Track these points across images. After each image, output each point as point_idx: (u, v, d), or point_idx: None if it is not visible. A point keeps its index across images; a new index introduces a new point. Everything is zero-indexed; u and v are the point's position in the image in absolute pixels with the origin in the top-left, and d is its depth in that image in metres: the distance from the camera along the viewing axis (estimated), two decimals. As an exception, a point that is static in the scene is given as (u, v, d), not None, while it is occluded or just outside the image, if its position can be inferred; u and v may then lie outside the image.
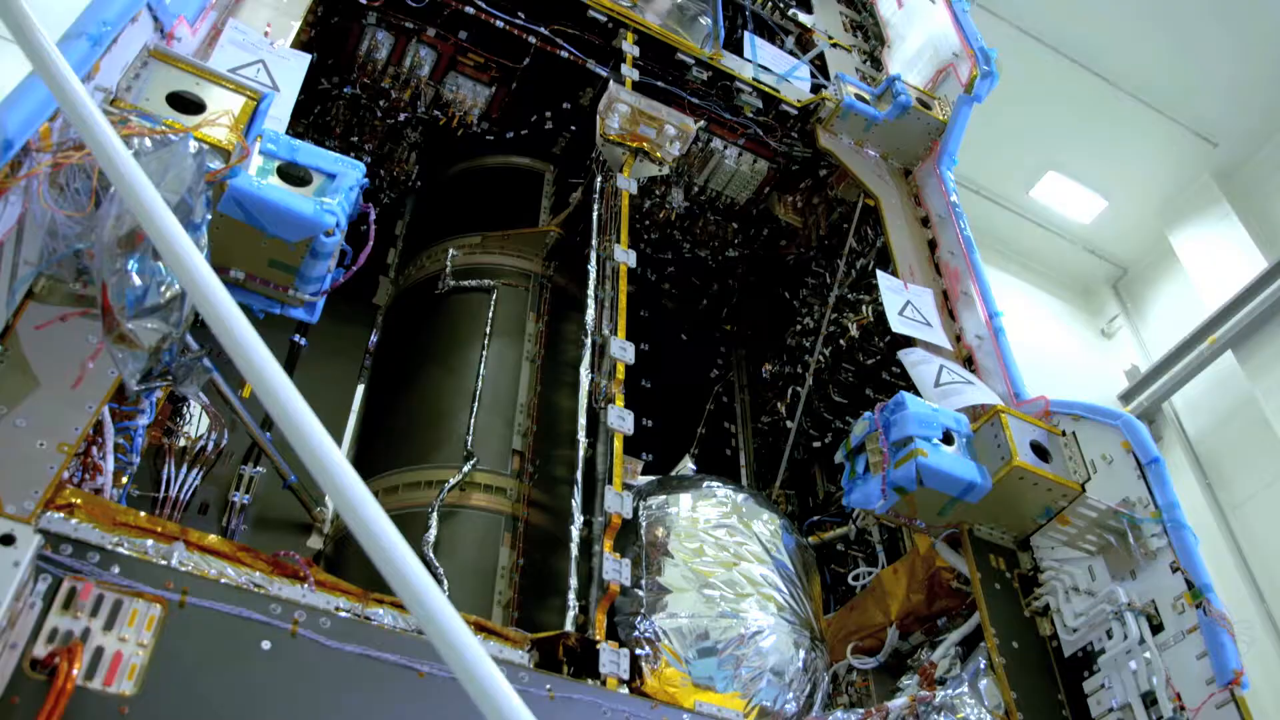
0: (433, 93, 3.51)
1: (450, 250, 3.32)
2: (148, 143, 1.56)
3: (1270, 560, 9.79)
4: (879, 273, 3.08)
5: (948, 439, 2.50)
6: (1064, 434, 2.60)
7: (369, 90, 3.47)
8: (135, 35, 1.89)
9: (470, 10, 3.27)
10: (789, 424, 3.37)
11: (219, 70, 2.05)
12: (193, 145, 1.58)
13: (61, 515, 1.65)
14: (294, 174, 2.09)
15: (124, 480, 2.10)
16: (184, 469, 2.74)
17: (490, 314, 3.11)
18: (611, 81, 2.92)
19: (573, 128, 3.67)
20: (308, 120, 3.53)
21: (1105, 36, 10.67)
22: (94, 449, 1.82)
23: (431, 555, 2.50)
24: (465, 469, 2.67)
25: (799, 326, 3.64)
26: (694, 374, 3.94)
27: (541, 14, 3.36)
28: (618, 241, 2.64)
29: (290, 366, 3.25)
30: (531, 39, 3.35)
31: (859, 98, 3.57)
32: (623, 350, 2.36)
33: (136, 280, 1.40)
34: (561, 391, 2.93)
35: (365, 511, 1.19)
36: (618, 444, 2.19)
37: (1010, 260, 12.55)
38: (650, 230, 3.80)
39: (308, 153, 2.12)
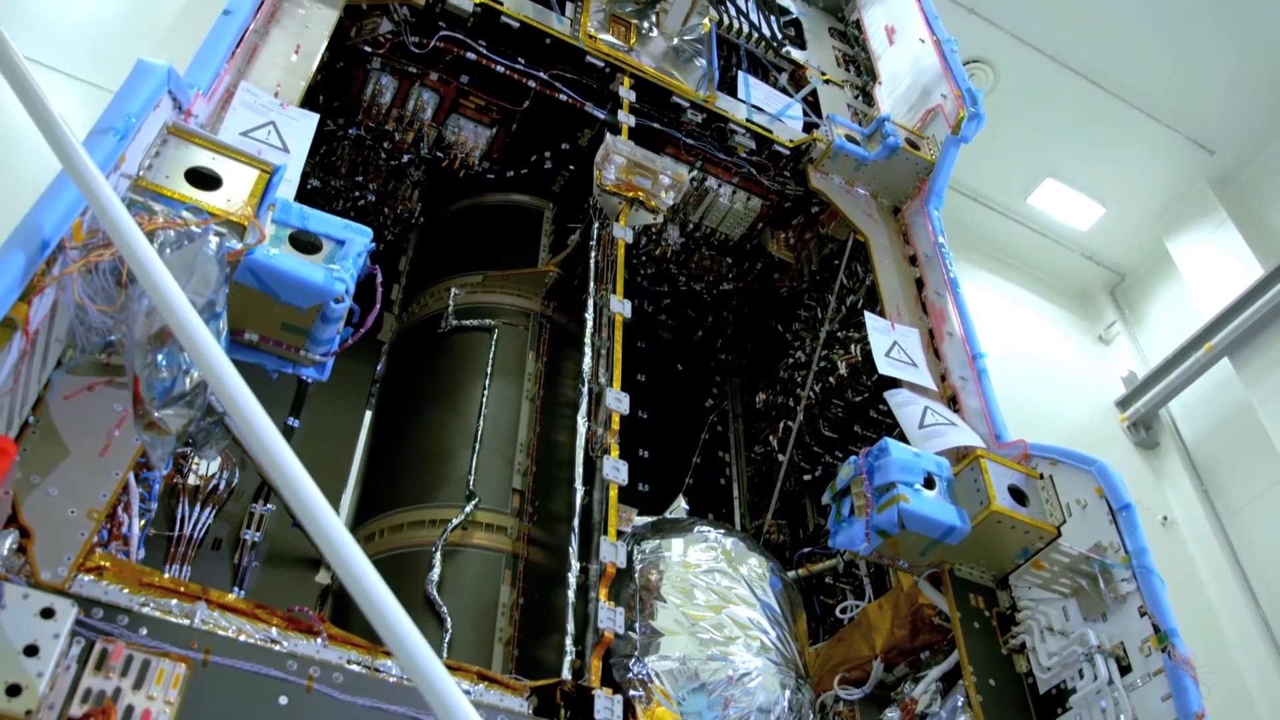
0: (435, 134, 3.62)
1: (453, 289, 3.43)
2: (172, 234, 1.66)
3: (1266, 566, 9.90)
4: (867, 315, 3.19)
5: (929, 483, 2.61)
6: (1041, 477, 2.72)
7: (373, 132, 3.57)
8: (157, 118, 2.00)
9: (471, 56, 3.37)
10: (780, 457, 3.48)
11: (233, 144, 2.15)
12: (214, 241, 1.69)
13: (91, 578, 1.77)
14: (305, 240, 2.19)
15: (142, 524, 2.21)
16: (197, 507, 2.87)
17: (491, 353, 3.22)
18: (608, 134, 3.03)
19: (571, 167, 3.78)
20: (314, 160, 3.64)
21: (1103, 46, 10.76)
22: (119, 509, 1.93)
23: (435, 594, 2.61)
24: (467, 509, 2.79)
25: (791, 360, 3.76)
26: (690, 403, 4.05)
27: (541, 59, 3.47)
28: (614, 291, 2.75)
29: (299, 401, 3.37)
30: (531, 83, 3.46)
31: (849, 138, 3.67)
32: (618, 401, 2.47)
33: (165, 373, 1.51)
34: (560, 430, 3.04)
35: (366, 583, 1.29)
36: (613, 494, 2.31)
37: (1008, 266, 12.64)
38: (647, 265, 3.91)
39: (318, 220, 2.23)
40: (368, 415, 3.43)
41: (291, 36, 2.83)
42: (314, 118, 2.64)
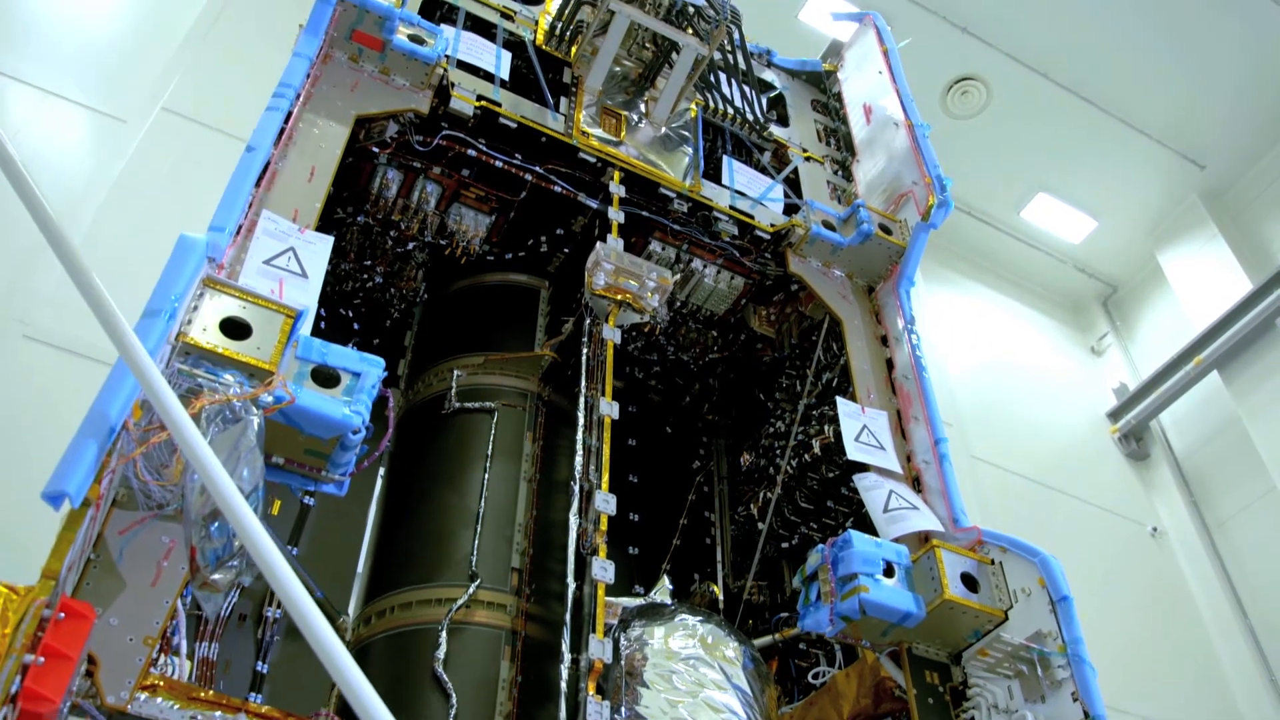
0: (438, 221, 3.87)
1: (455, 371, 3.70)
2: (217, 407, 1.93)
3: (1252, 577, 10.20)
4: (839, 400, 3.46)
5: (889, 571, 2.89)
6: (993, 563, 2.99)
7: (380, 221, 3.83)
8: (196, 278, 2.26)
9: (472, 153, 3.63)
10: (761, 525, 3.75)
11: (261, 293, 2.42)
12: (255, 423, 1.96)
13: (147, 695, 2.04)
14: (325, 374, 2.46)
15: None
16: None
17: (491, 435, 3.49)
18: (598, 243, 3.29)
19: (566, 250, 4.03)
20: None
21: (1094, 63, 10.99)
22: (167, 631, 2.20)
23: (441, 671, 2.89)
24: (471, 589, 3.07)
25: (771, 429, 4.02)
26: (678, 465, 4.32)
27: (536, 155, 3.73)
28: (603, 393, 3.02)
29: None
30: (528, 176, 3.72)
31: (826, 224, 3.93)
32: (605, 503, 2.74)
33: (216, 543, 1.78)
34: (555, 509, 3.30)
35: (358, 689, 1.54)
36: (600, 594, 2.58)
37: (1002, 279, 12.90)
38: (637, 338, 4.17)
39: (335, 354, 2.49)
40: (378, 486, 3.70)
41: (307, 158, 3.08)
42: (329, 240, 2.89)
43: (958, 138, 11.34)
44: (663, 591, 3.24)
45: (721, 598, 3.77)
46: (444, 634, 2.95)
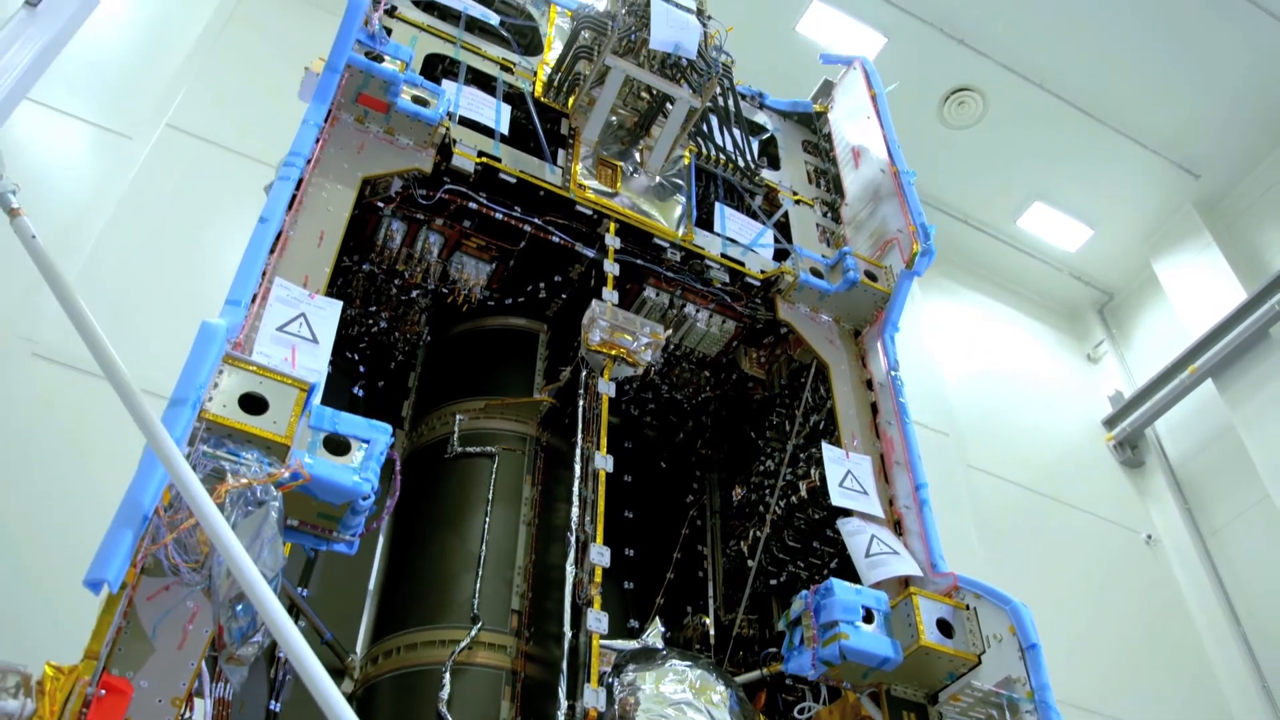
0: (441, 269, 4.03)
1: (457, 415, 3.86)
2: (239, 491, 2.10)
3: (1246, 584, 10.36)
4: (824, 445, 3.62)
5: (868, 617, 3.06)
6: (967, 608, 3.15)
7: (385, 270, 3.99)
8: (219, 362, 2.42)
9: (473, 205, 3.79)
10: (750, 563, 3.91)
11: (276, 367, 2.58)
12: (275, 508, 2.13)
13: (174, 752, 2.21)
14: (336, 441, 2.63)
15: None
16: (239, 627, 3.31)
17: (492, 479, 3.66)
18: (594, 301, 3.45)
19: (563, 295, 4.19)
20: (332, 292, 4.05)
21: (1090, 74, 11.12)
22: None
23: (445, 711, 3.07)
24: (473, 632, 3.24)
25: (761, 467, 4.18)
26: (672, 498, 4.48)
27: (535, 207, 3.89)
28: (598, 447, 3.18)
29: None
30: (527, 227, 3.88)
31: (814, 271, 4.08)
32: (600, 555, 2.91)
33: (242, 621, 1.95)
34: (552, 552, 3.47)
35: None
36: (595, 644, 2.75)
37: (998, 286, 13.04)
38: (632, 379, 4.33)
39: (346, 422, 2.66)
40: (384, 527, 3.86)
41: (316, 222, 3.24)
42: (338, 305, 3.05)
43: (955, 148, 11.48)
44: (655, 635, 3.41)
45: (713, 631, 3.94)
46: (447, 675, 3.12)
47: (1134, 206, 12.22)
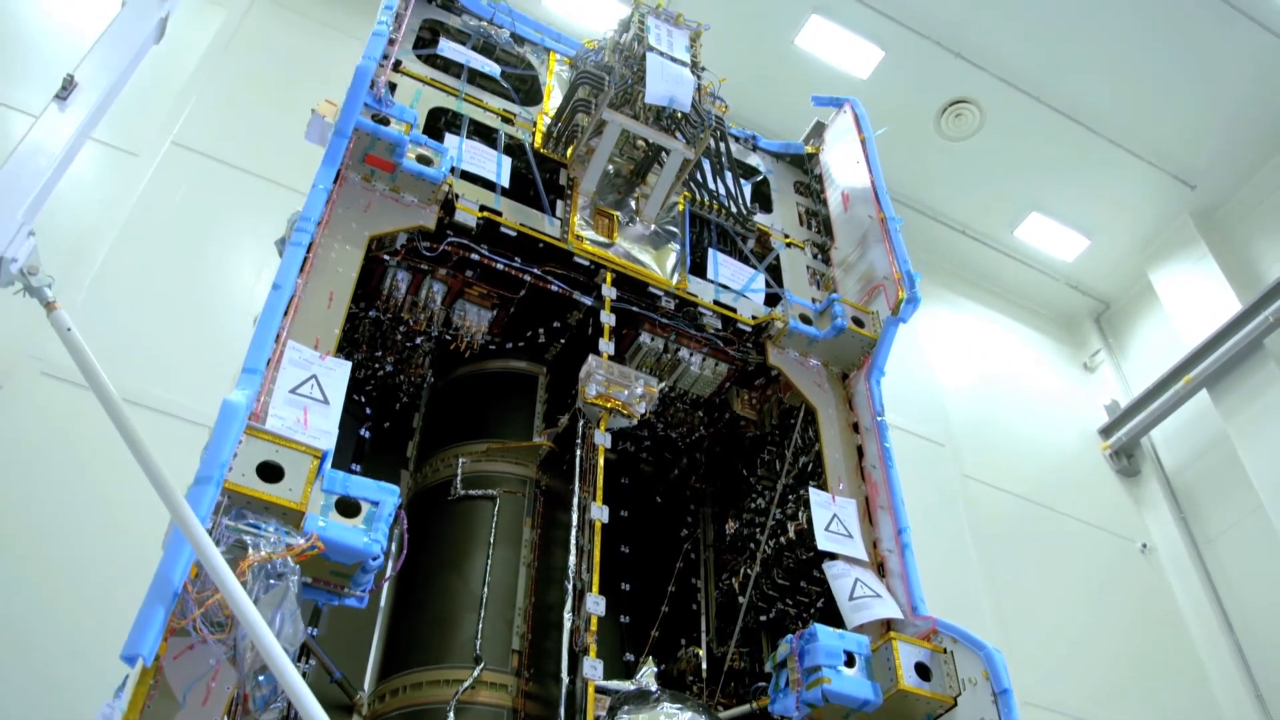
0: (444, 315, 4.20)
1: (460, 458, 4.03)
2: (260, 564, 2.27)
3: (1240, 593, 10.51)
4: (811, 490, 3.79)
5: (850, 661, 3.23)
6: (945, 651, 3.31)
7: (390, 317, 4.15)
8: (239, 435, 2.59)
9: (475, 257, 3.96)
10: (741, 599, 4.08)
11: (292, 435, 2.75)
12: (295, 581, 2.30)
13: (197, 801, 2.38)
14: (347, 503, 2.80)
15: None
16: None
17: (494, 521, 3.83)
18: (590, 356, 3.62)
19: (562, 340, 4.36)
20: (342, 342, 4.22)
21: (1086, 86, 11.26)
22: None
23: (450, 749, 3.24)
24: (476, 672, 3.41)
25: (753, 504, 4.35)
26: (667, 532, 4.65)
27: (534, 258, 4.06)
28: (594, 498, 3.35)
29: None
30: (526, 277, 4.05)
31: (803, 317, 4.25)
32: (595, 605, 3.08)
33: (265, 689, 2.12)
34: (551, 593, 3.64)
35: None
36: (590, 692, 2.92)
37: (996, 296, 13.19)
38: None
39: (357, 485, 2.83)
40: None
41: (326, 283, 3.40)
42: (347, 366, 3.21)
43: (952, 159, 11.64)
44: (649, 675, 3.58)
45: (705, 664, 4.11)
46: (451, 713, 3.29)
47: (1130, 217, 12.36)
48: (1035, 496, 11.10)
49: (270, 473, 2.66)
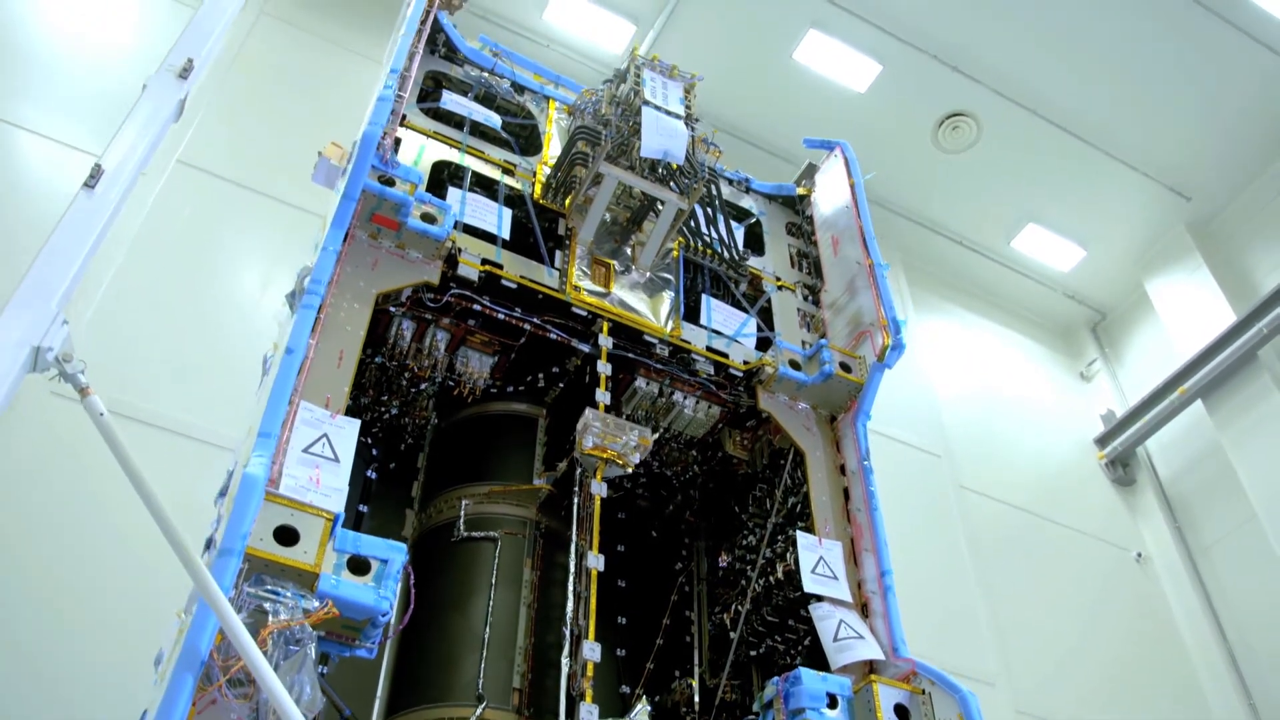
0: (447, 361, 4.38)
1: (463, 500, 4.21)
2: (279, 631, 2.45)
3: (1234, 603, 10.66)
4: (798, 534, 3.96)
5: (833, 703, 3.41)
6: (923, 693, 3.49)
7: (395, 364, 4.33)
8: (259, 506, 2.76)
9: (477, 307, 4.14)
10: (732, 635, 4.27)
11: (306, 499, 2.93)
12: (312, 646, 2.48)
13: None
14: (358, 561, 2.98)
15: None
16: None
17: (495, 563, 4.01)
18: (587, 409, 3.80)
19: (561, 384, 4.54)
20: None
21: (1082, 99, 11.40)
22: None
23: (455, 786, 3.43)
24: (479, 710, 3.60)
25: (744, 541, 4.52)
26: (662, 566, 4.84)
27: (534, 308, 4.24)
28: (590, 546, 3.53)
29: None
30: (526, 326, 4.23)
31: (793, 363, 4.42)
32: (592, 651, 3.26)
33: (283, 752, 2.31)
34: (551, 633, 3.83)
35: None
36: (586, 735, 3.10)
37: (993, 306, 13.33)
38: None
39: (367, 544, 3.00)
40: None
41: (335, 342, 3.58)
42: (356, 424, 3.38)
43: (950, 171, 11.78)
44: (643, 713, 3.76)
45: (698, 697, 4.30)
46: (455, 750, 3.48)
47: (1126, 228, 12.50)
48: (1031, 506, 11.24)
49: (286, 536, 2.84)
